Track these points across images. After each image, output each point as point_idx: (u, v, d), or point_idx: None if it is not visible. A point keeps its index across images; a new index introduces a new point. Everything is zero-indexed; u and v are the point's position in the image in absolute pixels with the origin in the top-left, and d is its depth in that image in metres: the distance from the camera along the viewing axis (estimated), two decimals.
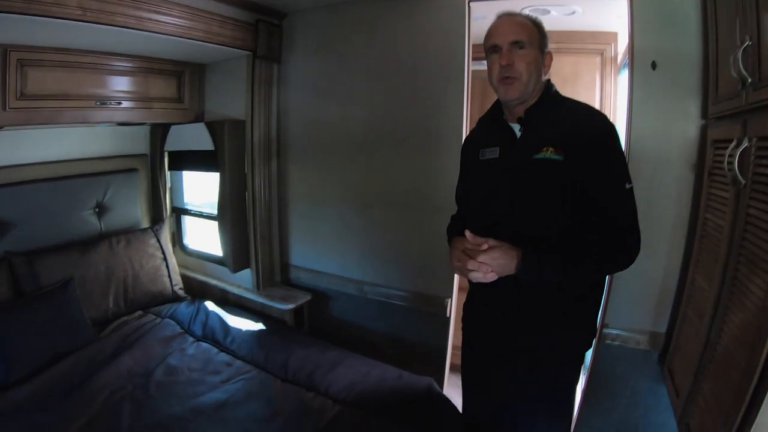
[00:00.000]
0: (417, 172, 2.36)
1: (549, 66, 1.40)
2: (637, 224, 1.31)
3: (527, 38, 1.33)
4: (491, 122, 1.53)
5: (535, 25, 1.36)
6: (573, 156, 1.26)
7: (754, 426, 0.99)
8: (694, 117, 1.77)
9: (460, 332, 1.68)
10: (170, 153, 3.11)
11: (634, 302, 1.97)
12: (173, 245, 3.17)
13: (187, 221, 3.28)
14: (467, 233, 1.31)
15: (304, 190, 2.77)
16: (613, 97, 2.79)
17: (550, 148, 1.28)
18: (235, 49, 2.51)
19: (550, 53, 1.39)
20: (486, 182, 1.45)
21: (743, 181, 1.22)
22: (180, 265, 3.12)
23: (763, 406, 0.97)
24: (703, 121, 1.74)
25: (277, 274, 2.88)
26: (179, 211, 3.26)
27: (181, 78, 2.82)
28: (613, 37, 2.72)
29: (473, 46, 2.90)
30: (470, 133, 1.71)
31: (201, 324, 2.64)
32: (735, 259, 1.27)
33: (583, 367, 1.53)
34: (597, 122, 1.32)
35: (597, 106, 2.76)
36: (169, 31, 2.18)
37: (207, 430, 1.81)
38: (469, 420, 1.70)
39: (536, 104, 1.37)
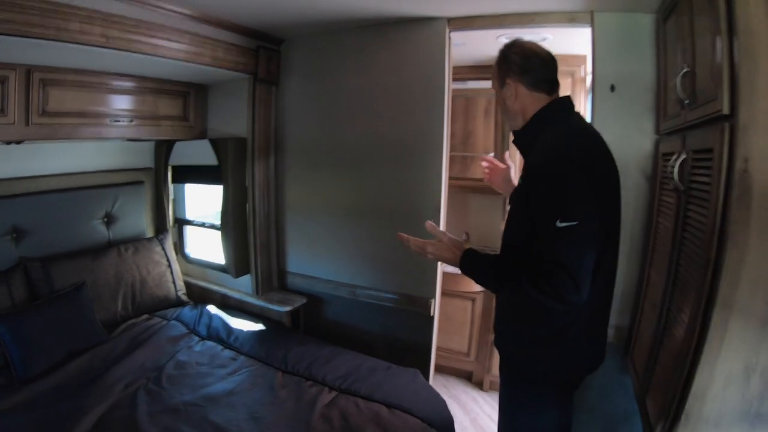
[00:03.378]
0: (402, 185, 2.50)
1: (515, 94, 1.38)
2: (562, 268, 1.13)
3: (493, 85, 1.46)
4: None
5: (497, 61, 1.43)
6: (524, 183, 1.32)
7: (691, 391, 1.11)
8: (650, 133, 1.94)
9: (440, 334, 1.80)
10: (173, 167, 3.22)
11: None
12: (176, 254, 3.27)
13: (189, 231, 3.39)
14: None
15: (299, 201, 2.90)
16: (583, 115, 2.94)
17: (522, 173, 1.36)
18: (238, 72, 2.64)
19: (508, 83, 1.38)
20: None
21: (682, 188, 1.36)
22: (182, 273, 3.22)
23: (696, 376, 1.10)
24: (657, 136, 1.90)
25: (274, 280, 2.98)
26: (181, 222, 3.36)
27: (186, 98, 2.94)
28: (582, 59, 2.89)
29: (454, 68, 3.09)
30: None
31: (205, 325, 2.74)
32: (677, 255, 1.41)
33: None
34: (545, 154, 1.27)
35: None
36: (179, 56, 2.32)
37: (218, 413, 1.93)
38: None
39: (519, 131, 1.44)
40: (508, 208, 1.56)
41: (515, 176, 1.75)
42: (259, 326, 2.69)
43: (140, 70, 2.61)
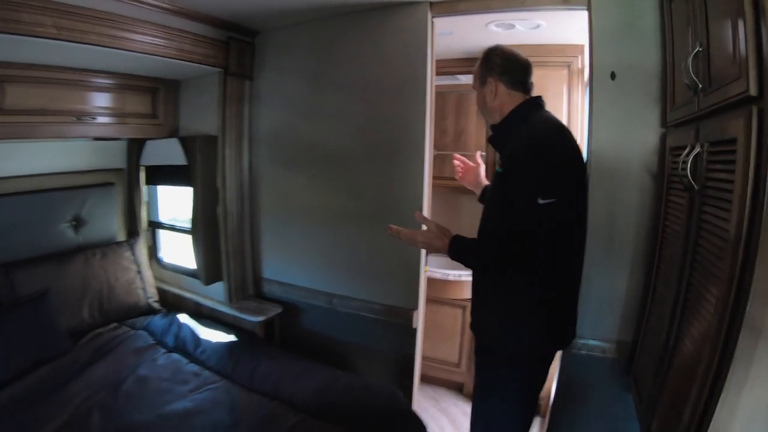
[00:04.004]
0: (383, 186, 2.27)
1: (495, 92, 1.51)
2: (534, 239, 1.31)
3: (474, 83, 1.58)
4: None
5: (480, 62, 1.55)
6: (505, 170, 1.42)
7: (710, 427, 0.91)
8: (654, 125, 1.70)
9: (429, 343, 1.84)
10: (146, 168, 3.00)
11: (601, 311, 1.86)
12: (149, 259, 3.06)
13: (163, 235, 3.17)
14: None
15: (275, 204, 2.67)
16: (580, 109, 2.73)
17: (500, 162, 1.48)
18: (207, 66, 2.43)
19: (490, 81, 1.51)
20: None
21: (696, 187, 1.15)
22: (156, 279, 3.00)
23: (717, 410, 0.90)
24: (663, 129, 1.67)
25: (249, 287, 2.76)
26: (155, 225, 3.14)
27: (156, 94, 2.73)
28: (579, 49, 2.67)
29: (443, 60, 2.87)
30: None
31: (173, 335, 2.54)
32: (690, 264, 1.19)
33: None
34: (526, 139, 1.39)
35: (564, 119, 2.71)
36: (142, 49, 2.12)
37: None
38: None
39: (496, 126, 1.55)
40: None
41: (484, 176, 1.97)
42: (230, 337, 2.47)
43: (103, 65, 2.41)
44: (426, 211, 2.20)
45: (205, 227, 2.58)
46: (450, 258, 1.47)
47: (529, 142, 1.37)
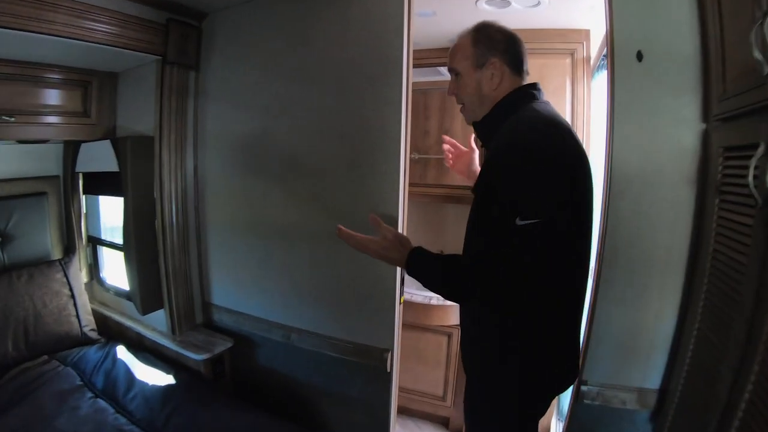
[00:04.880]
0: (349, 198, 1.83)
1: (498, 75, 1.19)
2: (488, 259, 1.03)
3: (462, 65, 1.23)
4: None
5: (474, 39, 1.21)
6: (482, 171, 1.13)
7: None
8: (692, 120, 1.27)
9: (410, 374, 1.61)
10: (84, 175, 2.56)
11: (617, 354, 1.49)
12: (90, 279, 2.63)
13: (106, 252, 2.71)
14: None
15: (225, 217, 2.22)
16: (586, 104, 2.30)
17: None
18: (140, 53, 1.99)
19: (493, 62, 1.18)
20: None
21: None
22: (98, 302, 2.58)
23: None
24: (704, 124, 1.25)
25: (198, 315, 2.31)
26: (96, 241, 2.68)
27: (87, 89, 2.28)
28: (585, 35, 2.25)
29: (425, 50, 2.46)
30: None
31: (105, 374, 2.12)
32: (762, 309, 0.78)
33: None
34: (506, 139, 1.10)
35: (567, 115, 2.29)
36: (55, 31, 1.68)
37: None
38: None
39: (480, 121, 1.25)
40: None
41: (479, 163, 1.60)
42: (169, 378, 2.03)
43: (17, 53, 1.96)
44: (402, 226, 1.76)
45: (138, 244, 2.13)
46: (408, 274, 1.21)
47: (510, 142, 1.07)
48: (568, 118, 2.28)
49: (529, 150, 1.02)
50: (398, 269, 1.74)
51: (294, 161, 1.95)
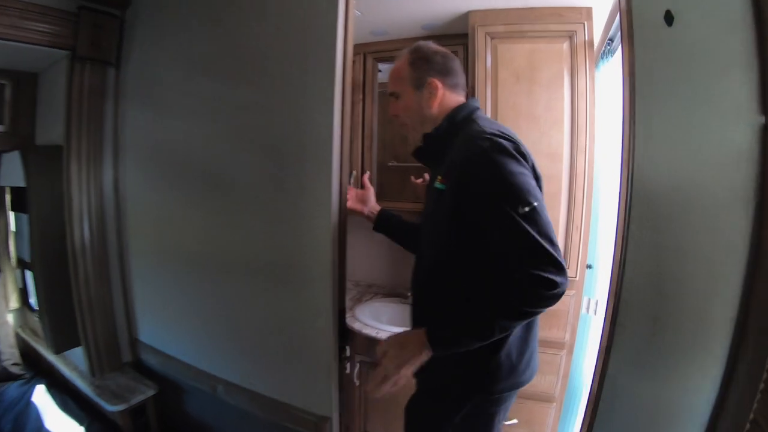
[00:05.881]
0: (282, 224, 1.43)
1: (437, 94, 1.19)
2: (527, 254, 0.94)
3: (399, 87, 1.24)
4: None
5: (410, 61, 1.22)
6: (451, 184, 1.10)
7: None
8: (746, 111, 0.84)
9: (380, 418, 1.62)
10: (12, 189, 2.24)
11: None
12: (21, 305, 2.32)
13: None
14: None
15: (149, 242, 1.85)
16: (589, 99, 1.84)
17: (440, 177, 1.16)
18: (44, 48, 1.67)
19: (430, 82, 1.19)
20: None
21: None
22: (30, 331, 2.26)
23: None
24: (764, 117, 0.82)
25: (125, 353, 1.96)
26: (26, 264, 2.34)
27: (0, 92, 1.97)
28: (586, 13, 1.80)
29: (382, 42, 2.09)
30: None
31: (14, 418, 1.84)
32: None
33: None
34: (469, 146, 1.07)
35: (565, 114, 1.85)
36: None
37: None
38: None
39: (429, 135, 1.23)
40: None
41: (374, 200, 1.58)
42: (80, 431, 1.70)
43: None
44: (333, 262, 1.36)
45: (44, 271, 1.80)
46: (442, 353, 1.03)
47: (476, 147, 1.05)
48: (566, 118, 1.84)
49: (498, 147, 1.02)
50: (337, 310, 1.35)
51: (214, 176, 1.57)
